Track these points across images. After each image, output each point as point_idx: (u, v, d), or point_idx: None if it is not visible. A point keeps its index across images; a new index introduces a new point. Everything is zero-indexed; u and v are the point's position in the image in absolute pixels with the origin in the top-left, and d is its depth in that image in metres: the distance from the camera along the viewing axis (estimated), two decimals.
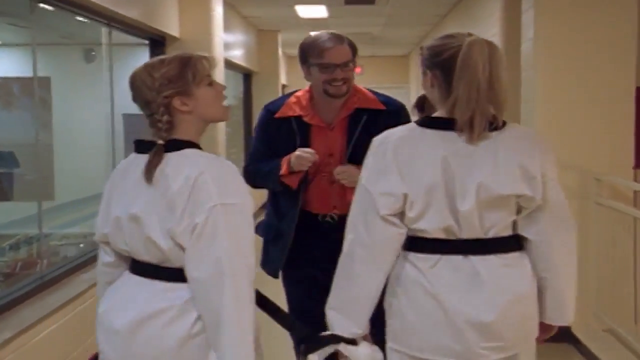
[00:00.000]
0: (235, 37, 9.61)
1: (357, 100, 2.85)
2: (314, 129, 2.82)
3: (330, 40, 2.77)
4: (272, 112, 2.88)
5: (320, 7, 9.16)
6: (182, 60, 1.95)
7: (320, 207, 2.86)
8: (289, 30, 11.51)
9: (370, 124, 2.76)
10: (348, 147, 2.79)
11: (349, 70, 2.77)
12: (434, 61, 2.07)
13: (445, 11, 9.57)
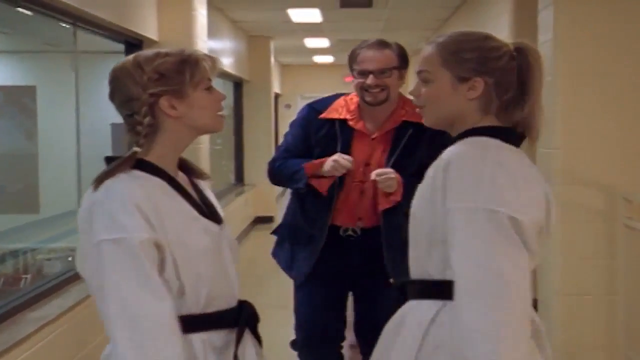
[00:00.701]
0: (224, 43, 9.08)
1: (405, 113, 2.75)
2: (356, 135, 2.76)
3: (370, 45, 2.71)
4: (317, 111, 2.82)
5: (314, 11, 8.62)
6: (181, 56, 1.71)
7: (345, 217, 2.77)
8: (281, 36, 11.00)
9: (414, 139, 2.70)
10: (389, 159, 2.71)
11: (387, 78, 2.69)
12: (488, 66, 1.73)
13: (447, 14, 9.04)
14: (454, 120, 1.78)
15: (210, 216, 1.78)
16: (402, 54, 2.77)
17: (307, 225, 2.84)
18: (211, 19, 8.25)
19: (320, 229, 2.78)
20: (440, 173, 1.65)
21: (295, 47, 12.48)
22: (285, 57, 14.34)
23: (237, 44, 10.04)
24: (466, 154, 1.66)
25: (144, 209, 1.61)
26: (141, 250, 1.57)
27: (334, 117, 2.80)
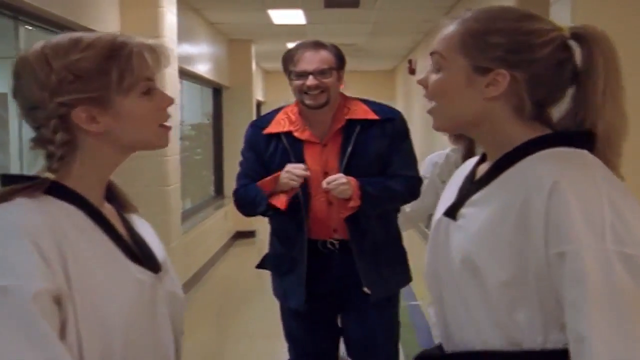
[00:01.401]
0: (201, 47, 8.50)
1: (347, 112, 2.71)
2: (306, 146, 2.70)
3: (306, 45, 2.68)
4: (260, 128, 2.76)
5: (297, 12, 8.05)
6: (108, 47, 1.29)
7: (319, 231, 2.71)
8: (263, 40, 10.43)
9: (364, 136, 2.66)
10: (341, 162, 2.65)
11: (326, 78, 2.64)
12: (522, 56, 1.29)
13: (440, 16, 8.48)
14: (471, 126, 1.35)
15: (142, 260, 1.34)
16: (339, 54, 2.72)
17: (286, 249, 2.78)
18: (187, 21, 7.68)
19: (299, 250, 2.71)
20: (539, 204, 1.21)
21: (278, 52, 11.71)
22: (268, 62, 13.82)
23: (216, 48, 9.48)
24: (574, 178, 1.22)
25: (45, 247, 1.18)
26: (35, 305, 1.13)
27: (278, 130, 2.74)
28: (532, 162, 1.27)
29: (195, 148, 9.86)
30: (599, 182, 1.21)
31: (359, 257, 2.68)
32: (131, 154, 1.38)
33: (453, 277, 1.31)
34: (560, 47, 1.29)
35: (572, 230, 1.16)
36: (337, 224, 2.70)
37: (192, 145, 9.65)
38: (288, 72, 2.71)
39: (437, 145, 8.83)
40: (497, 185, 1.29)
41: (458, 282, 1.30)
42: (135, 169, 5.19)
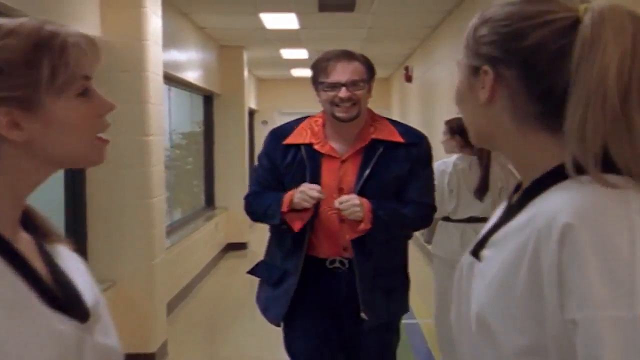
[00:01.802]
0: (190, 53, 8.21)
1: (374, 131, 2.67)
2: (325, 160, 2.66)
3: (338, 55, 2.63)
4: (280, 138, 2.72)
5: (289, 16, 7.75)
6: (36, 35, 1.02)
7: (328, 249, 2.66)
8: (255, 46, 10.14)
9: (386, 158, 2.64)
10: (357, 182, 2.61)
11: (359, 90, 2.60)
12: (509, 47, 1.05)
13: (437, 21, 8.21)
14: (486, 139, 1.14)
15: (66, 307, 1.04)
16: (370, 65, 2.67)
17: (281, 260, 2.73)
18: (174, 25, 7.38)
19: (295, 264, 2.66)
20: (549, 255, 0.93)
21: (271, 58, 11.64)
22: (261, 70, 13.52)
23: (207, 54, 9.19)
24: (595, 215, 0.92)
25: None
26: None
27: (299, 142, 2.68)
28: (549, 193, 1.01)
29: (186, 157, 9.59)
30: (633, 221, 0.91)
31: (360, 279, 2.63)
32: (56, 170, 1.10)
33: (470, 333, 1.05)
34: (562, 30, 1.01)
35: (589, 294, 0.89)
36: (348, 242, 2.64)
37: (182, 154, 9.38)
38: (317, 83, 2.66)
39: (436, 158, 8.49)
40: (516, 224, 1.01)
41: (475, 341, 1.04)
42: (116, 179, 4.88)
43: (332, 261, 2.67)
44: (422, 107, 10.25)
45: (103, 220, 4.87)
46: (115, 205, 4.87)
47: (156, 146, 5.09)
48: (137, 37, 4.88)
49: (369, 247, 2.63)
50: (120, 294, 4.86)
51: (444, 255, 4.28)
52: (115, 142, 5.04)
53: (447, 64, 8.04)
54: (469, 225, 4.23)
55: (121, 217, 4.88)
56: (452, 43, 7.73)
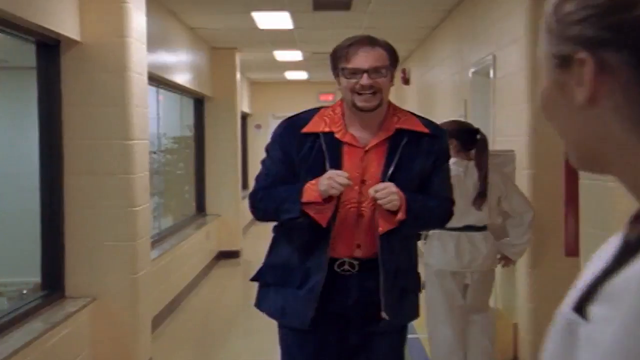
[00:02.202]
0: (180, 54, 7.90)
1: (397, 120, 2.56)
2: (346, 149, 2.52)
3: (360, 41, 2.49)
4: (298, 127, 2.55)
5: (283, 15, 7.43)
6: None
7: (341, 246, 2.51)
8: (248, 47, 9.83)
9: (411, 149, 2.52)
10: (385, 173, 2.49)
11: (381, 78, 2.47)
12: (615, 22, 0.70)
13: (437, 21, 7.90)
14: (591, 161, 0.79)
15: None
16: (392, 51, 2.53)
17: (300, 260, 2.54)
18: (163, 24, 7.07)
19: (318, 262, 2.50)
20: None
21: (265, 61, 11.33)
22: (254, 72, 13.21)
23: (198, 56, 8.87)
24: None
25: None
26: None
27: (318, 130, 2.52)
28: None
29: (178, 162, 9.29)
30: None
31: (385, 277, 2.50)
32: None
33: None
34: None
35: None
36: (363, 239, 2.51)
37: (173, 158, 9.08)
38: (337, 69, 2.52)
39: None
40: (636, 271, 0.68)
41: None
42: (96, 187, 4.54)
43: (340, 263, 2.52)
44: (421, 111, 9.91)
45: (82, 232, 4.54)
46: (95, 216, 4.54)
47: (140, 151, 4.75)
48: (118, 34, 4.55)
49: (395, 243, 2.51)
50: (100, 310, 4.53)
51: (437, 266, 4.09)
52: (95, 147, 4.80)
53: (447, 66, 7.74)
54: (463, 234, 4.05)
55: (101, 228, 4.55)
56: (452, 43, 7.43)
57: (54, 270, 4.50)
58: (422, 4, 7.05)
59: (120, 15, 4.56)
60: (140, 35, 4.83)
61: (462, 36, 6.86)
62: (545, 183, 4.65)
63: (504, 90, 5.29)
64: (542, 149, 4.63)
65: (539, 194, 4.65)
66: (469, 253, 4.06)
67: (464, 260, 4.06)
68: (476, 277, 4.11)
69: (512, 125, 5.05)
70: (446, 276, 4.07)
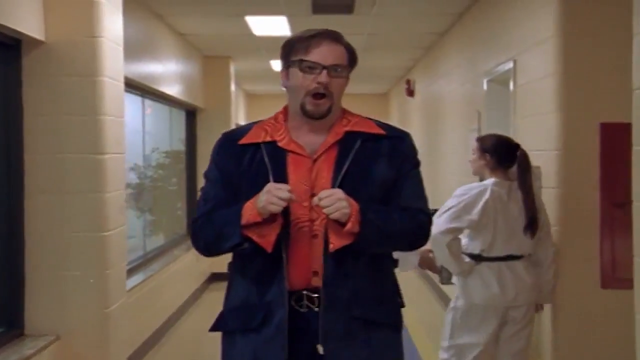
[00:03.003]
0: (169, 62, 7.36)
1: (347, 123, 2.27)
2: (291, 159, 2.21)
3: (324, 34, 2.21)
4: (234, 140, 2.26)
5: (279, 19, 6.88)
6: None
7: (296, 277, 2.15)
8: (243, 56, 9.31)
9: (366, 153, 2.22)
10: (334, 181, 2.17)
11: (338, 79, 2.20)
12: None
13: (446, 26, 7.34)
14: None
15: None
16: (353, 53, 2.27)
17: (259, 295, 2.21)
18: (148, 29, 6.52)
19: (277, 293, 2.17)
20: None
21: (261, 71, 10.79)
22: (250, 84, 12.70)
23: (189, 65, 8.33)
24: None
25: None
26: None
27: (259, 139, 2.24)
28: None
29: (170, 177, 8.76)
30: None
31: (328, 304, 2.13)
32: None
33: None
34: None
35: None
36: (320, 264, 2.15)
37: (165, 173, 8.57)
38: (290, 61, 2.21)
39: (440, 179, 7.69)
40: None
41: None
42: (61, 208, 3.96)
43: (298, 297, 2.17)
44: (426, 125, 9.37)
45: (44, 260, 3.95)
46: (60, 241, 3.95)
47: (114, 167, 4.17)
48: (88, 33, 3.97)
49: (349, 262, 2.15)
50: (65, 351, 3.93)
51: (481, 303, 3.65)
52: (61, 162, 4.02)
53: (457, 75, 7.17)
54: (504, 264, 3.63)
55: (67, 256, 3.96)
56: (463, 50, 6.86)
57: (12, 304, 3.91)
58: (430, 7, 6.51)
59: (91, 11, 3.99)
60: (115, 35, 4.25)
61: (475, 42, 6.29)
62: (575, 204, 4.07)
63: (526, 99, 4.72)
64: (573, 165, 4.06)
65: (568, 216, 4.07)
66: (513, 286, 3.62)
67: (509, 295, 3.61)
68: (522, 312, 3.66)
69: (537, 139, 4.47)
70: (489, 314, 3.62)
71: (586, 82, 4.06)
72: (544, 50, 4.35)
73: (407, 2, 6.36)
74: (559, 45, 4.12)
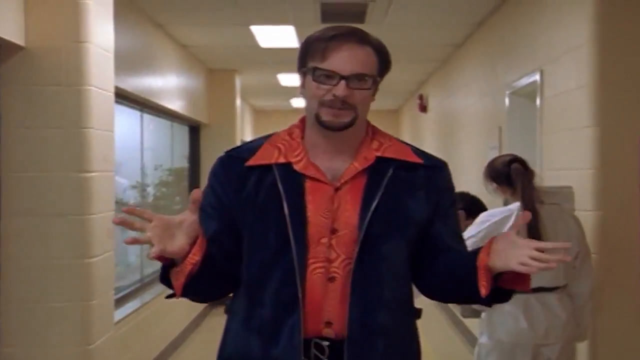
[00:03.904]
0: (171, 77, 7.02)
1: (378, 147, 1.88)
2: (309, 186, 1.83)
3: (346, 34, 1.81)
4: (239, 159, 1.86)
5: (286, 29, 6.51)
6: None
7: (307, 323, 1.78)
8: (249, 69, 8.98)
9: (398, 183, 1.84)
10: (364, 217, 1.78)
11: (363, 90, 1.79)
12: None
13: (463, 37, 6.95)
14: None
15: None
16: (384, 56, 1.85)
17: (263, 347, 1.80)
18: (151, 40, 6.17)
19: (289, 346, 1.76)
20: None
21: (268, 85, 10.45)
22: (257, 99, 12.37)
23: (192, 78, 7.98)
24: None
25: None
26: None
27: (270, 161, 1.81)
28: None
29: (174, 196, 8.40)
30: None
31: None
32: None
33: None
34: None
35: None
36: (335, 313, 1.80)
37: (169, 192, 8.21)
38: (306, 68, 1.83)
39: None
40: None
41: None
42: (41, 232, 3.57)
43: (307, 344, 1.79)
44: (440, 143, 8.96)
45: (21, 289, 3.57)
46: (38, 268, 3.56)
47: (102, 186, 3.77)
48: (72, 38, 3.60)
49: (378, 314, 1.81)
50: None
51: (507, 339, 3.26)
52: (41, 181, 3.27)
53: (474, 88, 6.78)
54: (533, 296, 3.22)
55: (47, 285, 3.57)
56: (481, 62, 6.47)
57: None
58: (447, 16, 6.12)
59: (77, 14, 3.62)
60: (105, 41, 3.87)
61: (495, 53, 5.89)
62: (614, 228, 3.66)
63: (555, 113, 4.31)
64: (611, 185, 3.66)
65: (607, 242, 3.66)
66: (544, 320, 3.21)
67: (539, 330, 3.21)
68: (556, 351, 3.25)
69: (568, 156, 4.06)
70: (517, 352, 3.23)
71: (624, 93, 3.67)
72: (575, 58, 3.95)
73: (422, 11, 5.98)
74: (592, 53, 3.73)
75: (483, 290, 1.69)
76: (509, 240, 1.67)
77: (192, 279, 1.70)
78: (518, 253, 1.62)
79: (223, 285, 1.87)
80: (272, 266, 1.80)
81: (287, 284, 1.79)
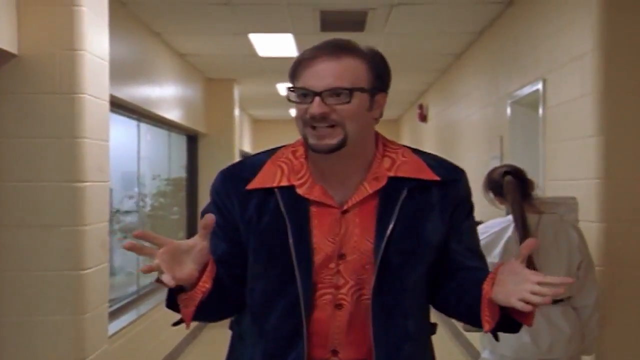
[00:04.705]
0: (168, 86, 6.95)
1: (391, 165, 1.76)
2: (314, 211, 1.73)
3: (324, 47, 1.71)
4: (241, 179, 1.77)
5: (285, 37, 6.44)
6: None
7: (313, 351, 1.72)
8: (247, 79, 8.90)
9: (413, 205, 1.72)
10: (379, 245, 1.68)
11: (341, 104, 1.66)
12: None
13: (464, 46, 6.88)
14: None
15: None
16: (376, 63, 1.73)
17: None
18: (148, 49, 6.10)
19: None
20: None
21: (267, 95, 10.38)
22: (256, 109, 12.30)
23: (190, 88, 7.91)
24: None
25: None
26: None
27: (273, 184, 1.72)
28: None
29: (172, 206, 8.32)
30: None
31: None
32: None
33: None
34: None
35: None
36: (341, 341, 1.73)
37: (167, 202, 8.13)
38: (288, 92, 1.78)
39: None
40: None
41: None
42: (33, 244, 3.48)
43: None
44: (440, 152, 8.86)
45: (12, 302, 3.47)
46: (30, 280, 3.47)
47: (96, 197, 3.69)
48: (66, 46, 3.52)
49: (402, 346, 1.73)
50: None
51: (510, 355, 3.18)
52: (34, 191, 3.13)
53: (475, 98, 6.71)
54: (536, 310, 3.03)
55: (38, 298, 3.47)
56: (482, 71, 6.40)
57: None
58: (448, 25, 6.05)
59: (71, 22, 3.53)
60: (100, 49, 3.79)
61: (497, 62, 5.83)
62: (620, 240, 3.57)
63: (558, 123, 4.23)
64: (617, 195, 3.58)
65: (613, 254, 3.57)
66: (547, 334, 3.12)
67: (543, 345, 3.12)
68: None
69: (572, 166, 3.98)
70: None
71: (629, 102, 3.59)
72: (579, 67, 3.88)
73: (422, 20, 5.91)
74: (597, 61, 3.66)
75: (487, 325, 1.61)
76: (512, 270, 1.57)
77: (201, 305, 1.62)
78: (519, 288, 1.53)
79: (232, 307, 1.78)
80: (276, 296, 1.72)
81: (290, 316, 1.72)
